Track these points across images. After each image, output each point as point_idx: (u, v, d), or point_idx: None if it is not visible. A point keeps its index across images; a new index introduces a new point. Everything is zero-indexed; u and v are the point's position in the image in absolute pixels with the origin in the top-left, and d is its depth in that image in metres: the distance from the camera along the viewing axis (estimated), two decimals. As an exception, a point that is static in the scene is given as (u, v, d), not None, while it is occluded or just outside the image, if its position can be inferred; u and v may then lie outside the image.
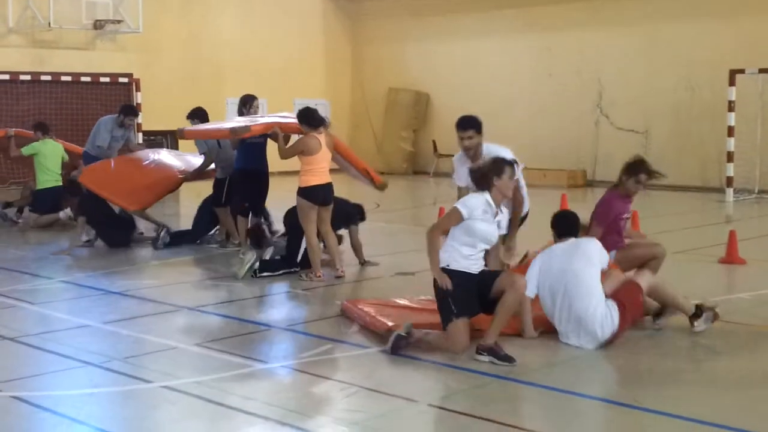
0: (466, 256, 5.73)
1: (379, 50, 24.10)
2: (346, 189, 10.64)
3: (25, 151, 12.61)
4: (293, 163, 8.92)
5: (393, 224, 12.65)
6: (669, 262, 7.52)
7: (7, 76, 18.82)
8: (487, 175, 5.67)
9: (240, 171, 10.05)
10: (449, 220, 5.67)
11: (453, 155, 7.40)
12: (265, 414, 4.95)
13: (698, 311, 6.49)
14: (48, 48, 19.61)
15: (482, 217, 5.63)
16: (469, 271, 5.73)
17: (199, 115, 10.81)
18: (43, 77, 19.29)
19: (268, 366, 5.94)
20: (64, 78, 19.49)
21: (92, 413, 5.01)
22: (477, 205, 5.62)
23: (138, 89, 20.42)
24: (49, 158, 12.46)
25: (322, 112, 9.19)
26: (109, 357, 6.06)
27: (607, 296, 6.12)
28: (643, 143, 19.05)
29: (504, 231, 6.04)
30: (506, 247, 6.64)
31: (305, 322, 7.29)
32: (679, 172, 18.62)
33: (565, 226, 6.53)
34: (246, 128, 9.31)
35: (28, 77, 19.12)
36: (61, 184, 12.50)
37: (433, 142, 22.61)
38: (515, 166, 5.93)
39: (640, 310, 6.41)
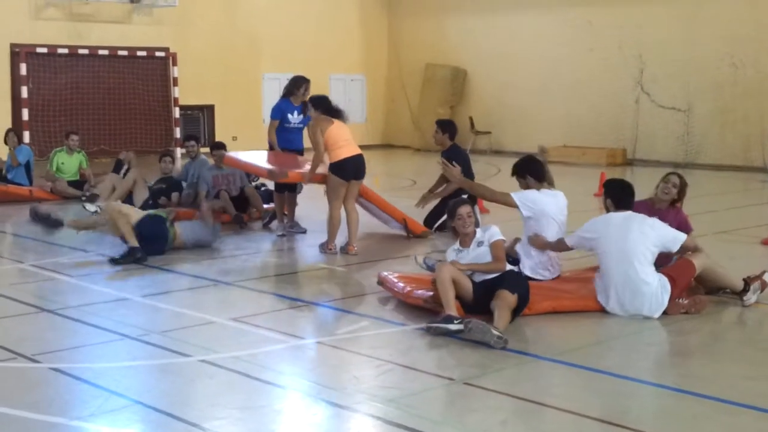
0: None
1: (417, 24, 23.89)
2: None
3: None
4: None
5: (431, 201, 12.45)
6: (711, 241, 7.43)
7: (45, 50, 18.97)
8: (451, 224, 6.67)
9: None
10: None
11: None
12: (301, 389, 4.96)
13: (746, 286, 6.69)
14: (85, 22, 19.70)
15: (457, 257, 6.53)
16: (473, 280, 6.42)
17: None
18: (81, 51, 19.42)
19: (305, 342, 5.94)
20: (101, 52, 19.61)
21: (131, 386, 5.04)
22: (448, 251, 6.72)
23: (174, 63, 20.49)
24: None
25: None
26: (147, 330, 6.10)
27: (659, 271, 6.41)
28: (684, 121, 18.74)
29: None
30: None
31: (342, 298, 7.29)
32: (721, 151, 18.33)
33: (625, 196, 6.66)
34: (284, 174, 9.02)
35: (65, 51, 19.25)
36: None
37: (470, 118, 22.41)
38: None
39: (688, 284, 6.53)
